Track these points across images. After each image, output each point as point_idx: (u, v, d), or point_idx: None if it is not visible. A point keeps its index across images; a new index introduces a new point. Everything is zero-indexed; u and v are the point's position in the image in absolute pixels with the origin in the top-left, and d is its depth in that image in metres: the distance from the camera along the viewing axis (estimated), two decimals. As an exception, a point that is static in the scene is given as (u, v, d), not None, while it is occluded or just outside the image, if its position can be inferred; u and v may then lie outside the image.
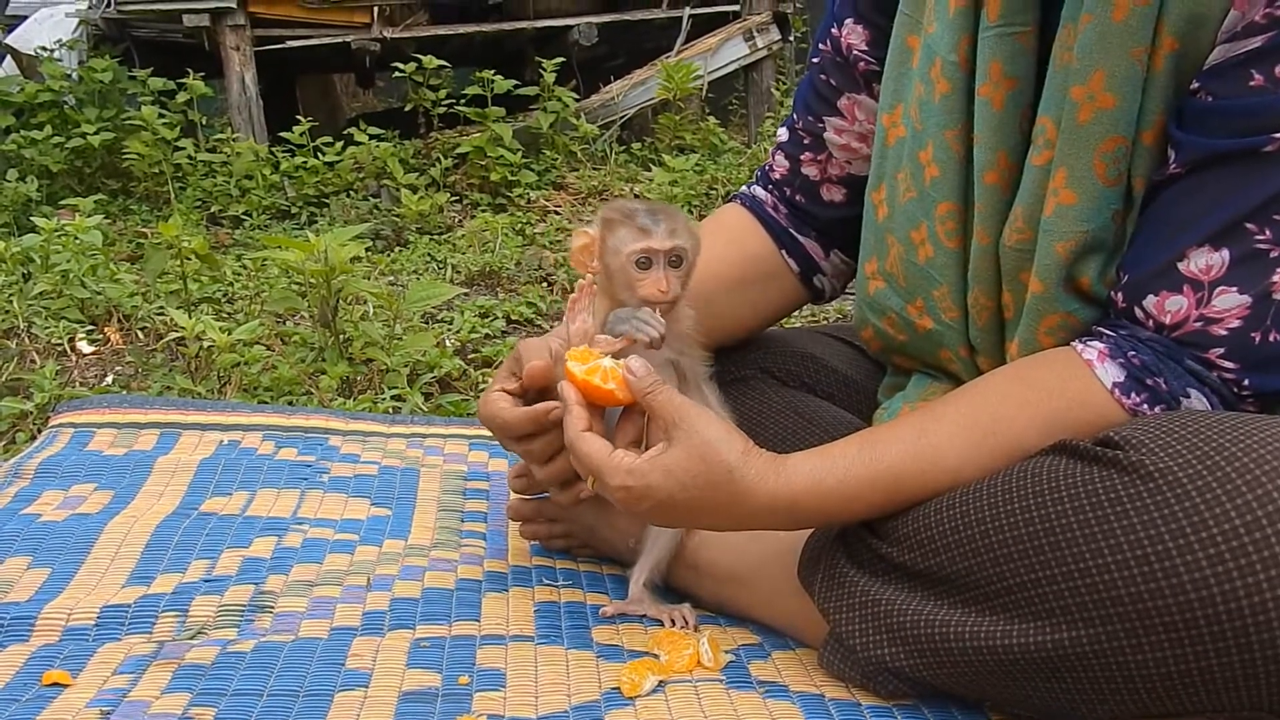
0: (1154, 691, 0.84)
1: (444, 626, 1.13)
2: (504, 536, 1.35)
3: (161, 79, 4.17)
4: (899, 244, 1.13)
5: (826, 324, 2.17)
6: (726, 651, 1.07)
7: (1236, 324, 0.91)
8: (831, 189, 1.29)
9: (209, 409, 1.74)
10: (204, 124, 4.27)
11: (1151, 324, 0.94)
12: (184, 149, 4.00)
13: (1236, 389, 0.93)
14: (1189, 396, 0.93)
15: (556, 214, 3.71)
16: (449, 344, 2.26)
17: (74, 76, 4.22)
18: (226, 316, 2.47)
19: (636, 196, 1.10)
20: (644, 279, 1.06)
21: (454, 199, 3.92)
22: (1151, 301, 0.93)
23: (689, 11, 4.78)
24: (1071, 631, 0.85)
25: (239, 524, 1.36)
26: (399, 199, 3.64)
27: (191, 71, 4.14)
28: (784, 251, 1.31)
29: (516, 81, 4.15)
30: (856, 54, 1.22)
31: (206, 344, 1.98)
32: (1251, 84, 0.88)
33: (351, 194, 3.91)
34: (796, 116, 1.31)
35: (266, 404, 1.88)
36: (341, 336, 2.12)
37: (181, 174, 4.03)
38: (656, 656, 1.05)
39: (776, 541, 1.12)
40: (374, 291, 2.14)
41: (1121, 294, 0.96)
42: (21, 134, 3.97)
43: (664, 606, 1.14)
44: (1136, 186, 0.96)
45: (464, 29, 4.78)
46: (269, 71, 4.84)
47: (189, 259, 2.31)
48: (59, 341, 2.27)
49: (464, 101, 4.12)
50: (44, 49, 4.38)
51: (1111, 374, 0.94)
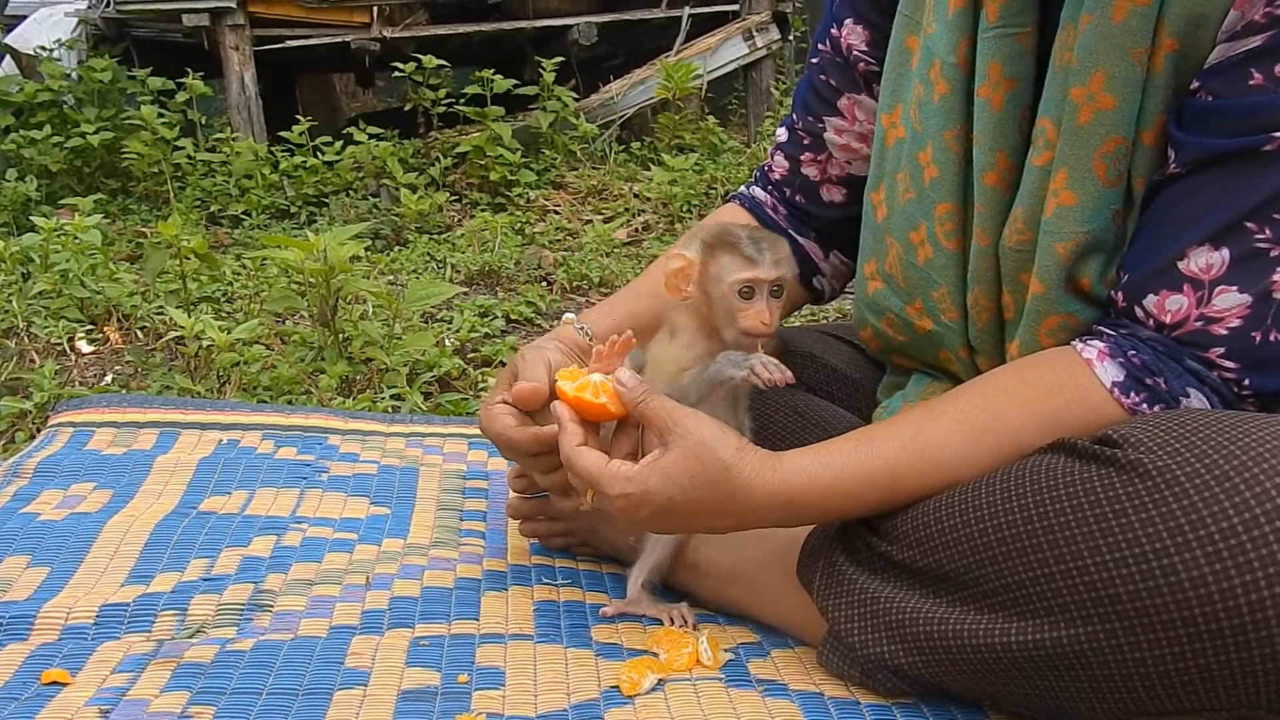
0: (1152, 690, 0.84)
1: (443, 625, 1.13)
2: (503, 535, 1.35)
3: (161, 79, 4.17)
4: (898, 245, 1.13)
5: (826, 323, 2.16)
6: (726, 650, 1.07)
7: (1237, 323, 0.91)
8: (831, 189, 1.29)
9: (208, 408, 1.74)
10: (203, 124, 4.27)
11: (1152, 323, 0.94)
12: (183, 149, 4.00)
13: (1237, 389, 0.93)
14: (1189, 396, 0.93)
15: (556, 213, 3.71)
16: (448, 343, 2.26)
17: (73, 76, 4.22)
18: (226, 316, 2.47)
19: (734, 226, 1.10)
20: (746, 310, 1.04)
21: (453, 198, 3.92)
22: (1152, 301, 0.94)
23: (688, 11, 4.78)
24: (1070, 630, 0.85)
25: (238, 523, 1.36)
26: (398, 198, 3.64)
27: (191, 71, 4.15)
28: None
29: (516, 81, 4.15)
30: (856, 54, 1.22)
31: (206, 343, 1.98)
32: (1251, 83, 0.88)
33: (351, 193, 3.92)
34: (796, 117, 1.30)
35: (266, 403, 1.88)
36: (341, 336, 2.12)
37: (181, 174, 4.03)
38: (656, 655, 1.05)
39: (776, 540, 1.12)
40: (373, 291, 2.14)
41: (1122, 293, 0.96)
42: (21, 133, 3.97)
43: (663, 606, 1.14)
44: (1136, 186, 0.96)
45: (463, 28, 4.78)
46: (269, 71, 4.84)
47: (188, 258, 2.31)
48: (58, 341, 2.27)
49: (463, 101, 4.12)
50: (43, 48, 4.38)
51: (1111, 373, 0.94)
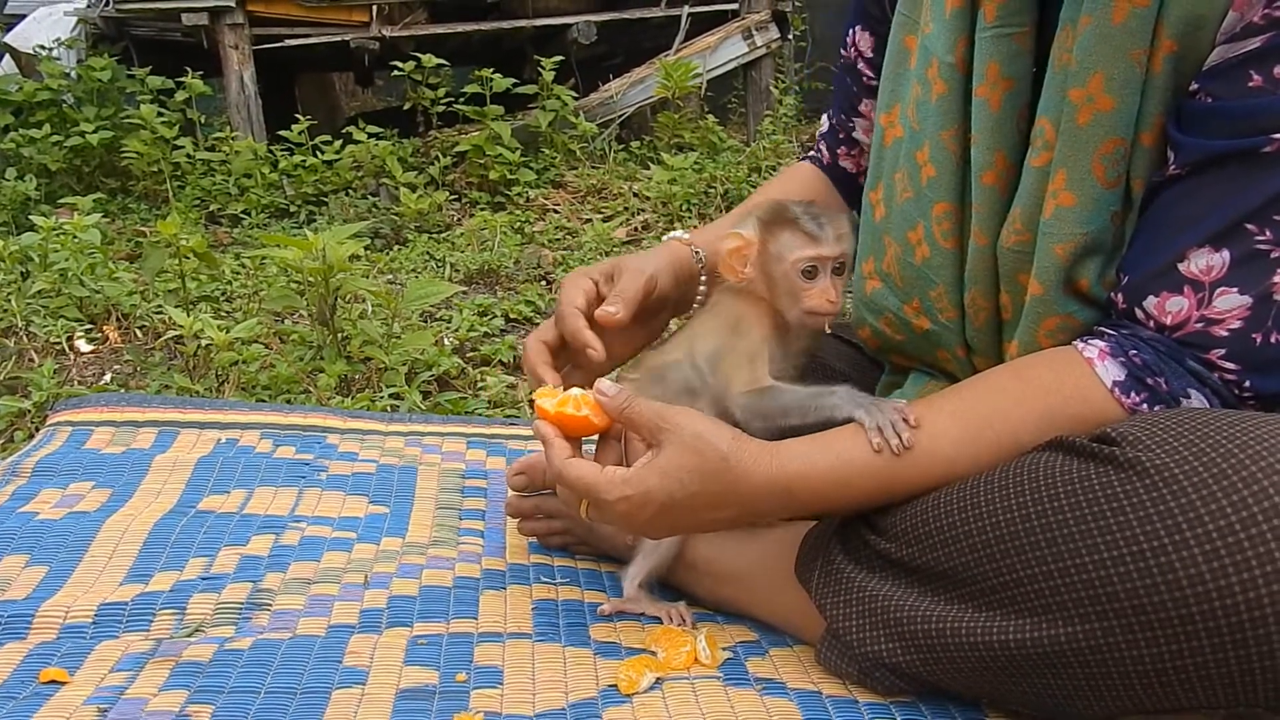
0: (1150, 688, 0.84)
1: (442, 624, 1.13)
2: (502, 534, 1.35)
3: (160, 78, 4.17)
4: (896, 244, 1.13)
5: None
6: (724, 649, 1.07)
7: (1238, 325, 0.90)
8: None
9: (207, 407, 1.74)
10: (203, 123, 4.26)
11: (1152, 325, 0.94)
12: (183, 148, 4.00)
13: (1237, 391, 0.92)
14: (1189, 397, 0.93)
15: (555, 212, 3.71)
16: (447, 342, 2.25)
17: (73, 75, 4.21)
18: (225, 315, 2.47)
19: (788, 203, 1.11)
20: (810, 289, 1.03)
21: (453, 197, 3.91)
22: (1152, 303, 0.93)
23: (688, 10, 4.77)
24: (1068, 628, 0.85)
25: (237, 522, 1.36)
26: (398, 197, 3.64)
27: (190, 70, 4.14)
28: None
29: (515, 80, 4.14)
30: (864, 62, 1.25)
31: (205, 342, 1.98)
32: (1251, 85, 0.88)
33: (350, 192, 3.91)
34: (833, 112, 1.34)
35: (264, 402, 1.88)
36: (340, 335, 2.12)
37: (180, 173, 4.02)
38: (654, 654, 1.05)
39: (774, 539, 1.12)
40: (372, 290, 2.14)
41: (1122, 295, 0.96)
42: (20, 133, 3.96)
43: (661, 604, 1.14)
44: (1135, 188, 0.96)
45: (463, 27, 4.77)
46: (268, 70, 4.83)
47: (187, 258, 2.30)
48: (57, 340, 2.27)
49: (463, 100, 4.12)
50: (43, 47, 4.37)
51: (1112, 372, 0.94)
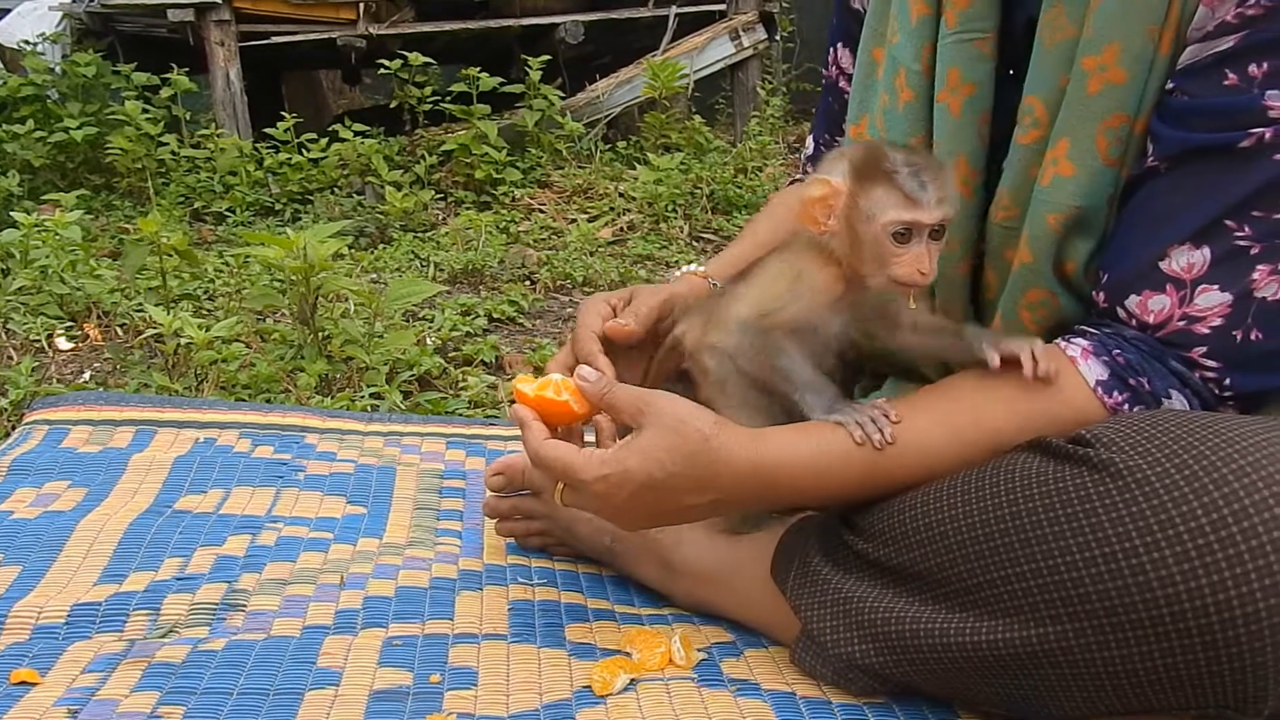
0: (1121, 689, 0.84)
1: (417, 625, 1.12)
2: (480, 535, 1.35)
3: (145, 74, 4.14)
4: None
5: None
6: (699, 649, 1.07)
7: (1219, 322, 0.91)
8: None
9: (185, 406, 1.73)
10: (188, 120, 4.24)
11: (1135, 324, 0.94)
12: (167, 144, 3.98)
13: (1218, 390, 0.93)
14: (1170, 398, 0.93)
15: (541, 212, 3.70)
16: (430, 342, 2.25)
17: (57, 70, 4.19)
18: (206, 314, 2.46)
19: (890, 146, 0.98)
20: (901, 255, 0.92)
21: (439, 196, 3.90)
22: (1134, 301, 0.94)
23: (675, 10, 4.77)
24: (1040, 629, 0.86)
25: (213, 522, 1.35)
26: (383, 196, 3.63)
27: (176, 67, 4.12)
28: None
29: (502, 79, 4.14)
30: (846, 78, 1.24)
31: (184, 341, 1.97)
32: (1226, 83, 0.89)
33: (336, 191, 3.89)
34: (817, 133, 1.33)
35: (244, 401, 1.87)
36: (321, 334, 2.11)
37: (165, 170, 4.00)
38: (629, 655, 1.05)
39: (752, 541, 1.12)
40: (354, 289, 2.13)
41: (1104, 294, 0.96)
42: (4, 128, 3.94)
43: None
44: (1124, 176, 0.97)
45: (450, 26, 4.76)
46: (256, 68, 4.81)
47: (168, 255, 2.29)
48: (37, 338, 2.25)
49: (449, 99, 4.11)
50: (27, 43, 4.34)
51: (1095, 371, 0.94)
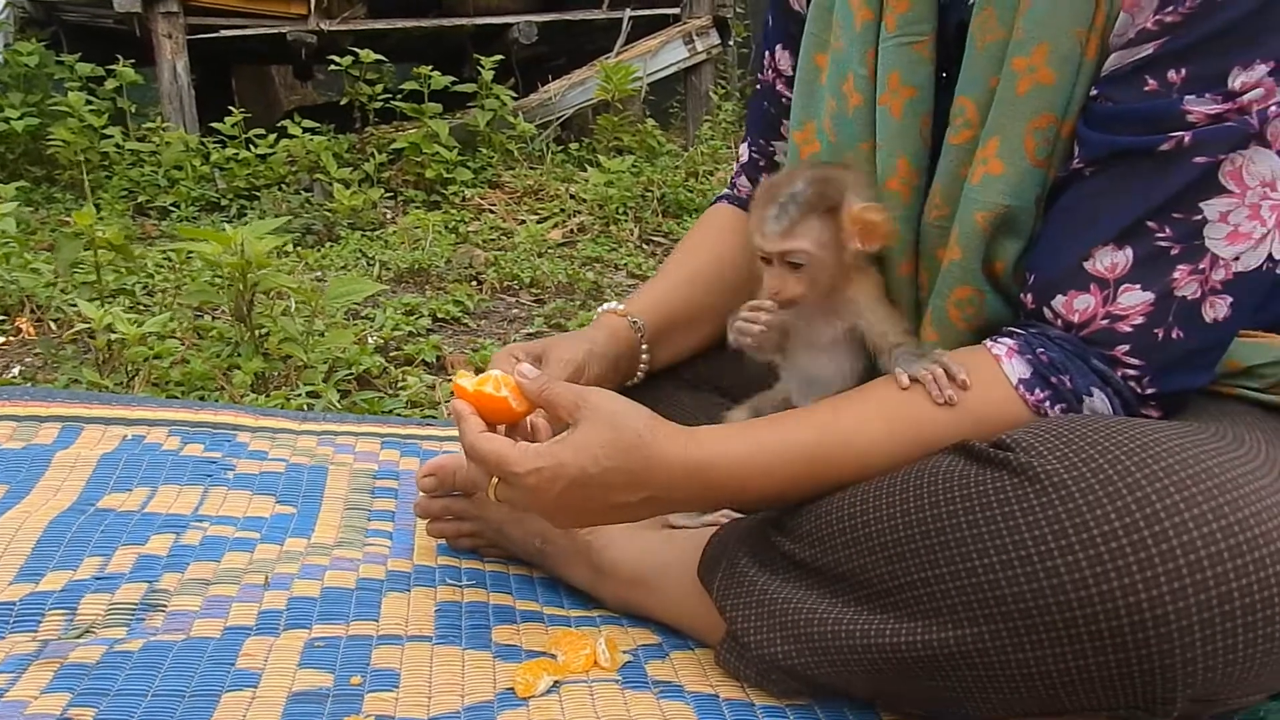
0: (1035, 690, 0.85)
1: (341, 626, 1.11)
2: (410, 536, 1.33)
3: (90, 65, 4.07)
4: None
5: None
6: (625, 651, 1.06)
7: (1140, 320, 0.92)
8: None
9: (114, 403, 1.70)
10: (134, 113, 4.17)
11: (1060, 323, 0.96)
12: (111, 137, 3.91)
13: (1140, 388, 0.94)
14: (1091, 395, 0.94)
15: (491, 212, 3.69)
16: (371, 341, 2.23)
17: (-2, 60, 4.11)
18: (144, 309, 2.41)
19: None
20: (766, 275, 1.03)
21: (388, 195, 3.87)
22: (1060, 301, 0.95)
23: (629, 13, 4.77)
24: (957, 630, 0.86)
25: (137, 520, 1.33)
26: (332, 194, 3.59)
27: (121, 58, 4.05)
28: None
29: (454, 78, 4.11)
30: (784, 81, 1.24)
31: (117, 337, 1.93)
32: (1146, 89, 0.91)
33: (284, 187, 3.85)
34: (750, 140, 1.32)
35: (176, 399, 1.84)
36: (260, 332, 2.08)
37: (108, 163, 3.93)
38: (553, 657, 1.05)
39: (680, 543, 1.12)
40: (291, 286, 2.10)
41: (1031, 295, 0.97)
42: (-58, 117, 3.85)
43: None
44: (1051, 178, 0.98)
45: (402, 24, 4.72)
46: (205, 61, 4.75)
47: (104, 249, 2.25)
48: (-34, 332, 2.20)
49: (400, 97, 4.08)
50: (-34, 31, 4.26)
51: (1018, 370, 0.95)
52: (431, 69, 4.06)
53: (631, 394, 1.19)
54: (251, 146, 3.97)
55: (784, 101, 1.24)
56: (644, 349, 1.24)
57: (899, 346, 1.02)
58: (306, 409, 1.82)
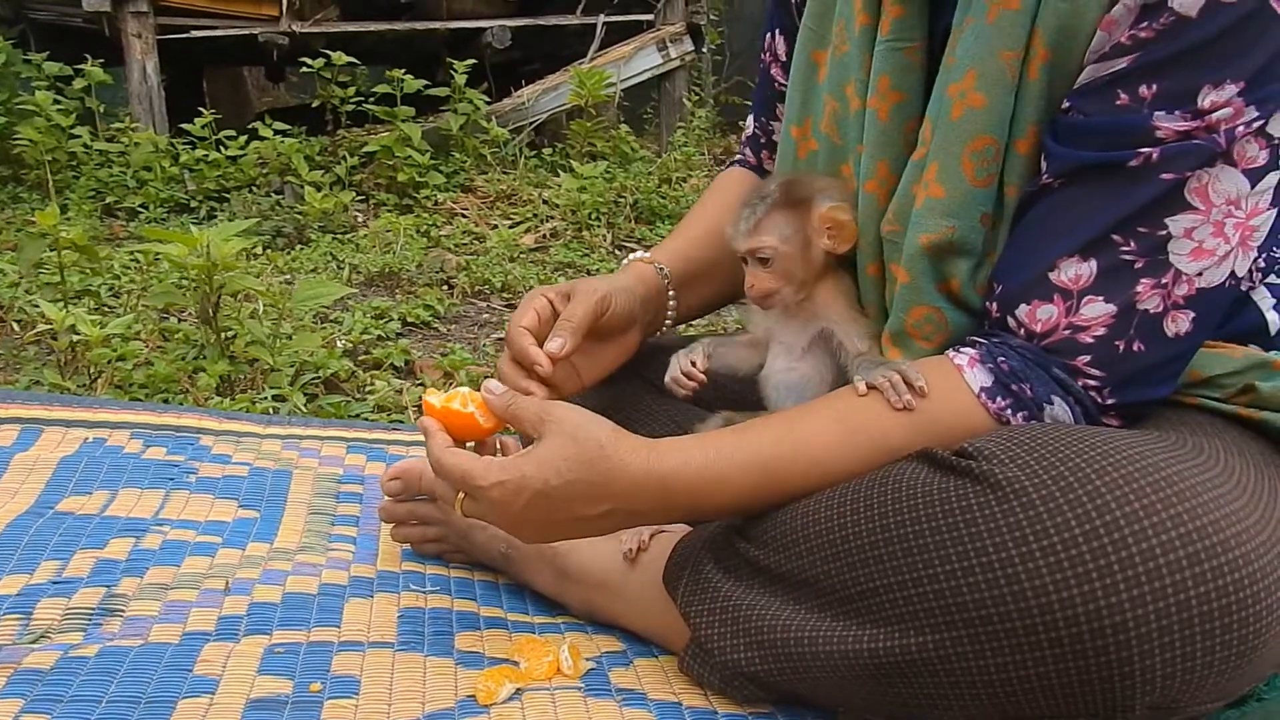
0: (995, 697, 0.85)
1: (302, 632, 1.10)
2: (375, 541, 1.32)
3: (58, 64, 4.02)
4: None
5: (724, 332, 2.17)
6: (588, 659, 1.06)
7: (1102, 331, 0.93)
8: None
9: (75, 405, 1.68)
10: (103, 112, 4.12)
11: (1023, 332, 0.96)
12: (79, 137, 3.86)
13: (1099, 399, 0.95)
14: (1051, 404, 0.95)
15: (463, 217, 3.67)
16: (340, 345, 2.21)
17: (-38, 58, 4.04)
18: (109, 311, 2.38)
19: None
20: (745, 273, 1.08)
21: (359, 198, 3.85)
22: (1024, 311, 0.95)
23: (603, 19, 4.77)
24: (918, 637, 0.86)
25: (96, 524, 1.31)
26: (303, 196, 3.57)
27: (90, 58, 4.01)
28: None
29: (427, 82, 4.09)
30: (779, 65, 1.25)
31: (79, 338, 1.91)
32: (1119, 103, 0.91)
33: (254, 190, 3.82)
34: (755, 115, 1.34)
35: (138, 401, 1.82)
36: (226, 334, 2.06)
37: (76, 163, 3.89)
38: (516, 664, 1.04)
39: (649, 551, 1.11)
40: (258, 288, 2.08)
41: (996, 304, 0.98)
42: (-95, 115, 3.80)
43: None
44: (1009, 194, 0.98)
45: (375, 27, 4.70)
46: (176, 62, 4.71)
47: (67, 250, 2.22)
48: (-74, 332, 2.17)
49: (373, 100, 4.06)
50: (-69, 28, 4.20)
51: (980, 379, 0.96)
52: (404, 72, 4.04)
53: (597, 396, 1.20)
54: (222, 148, 3.94)
55: (778, 86, 1.26)
56: (671, 295, 1.25)
57: (861, 355, 1.03)
58: (272, 413, 1.80)
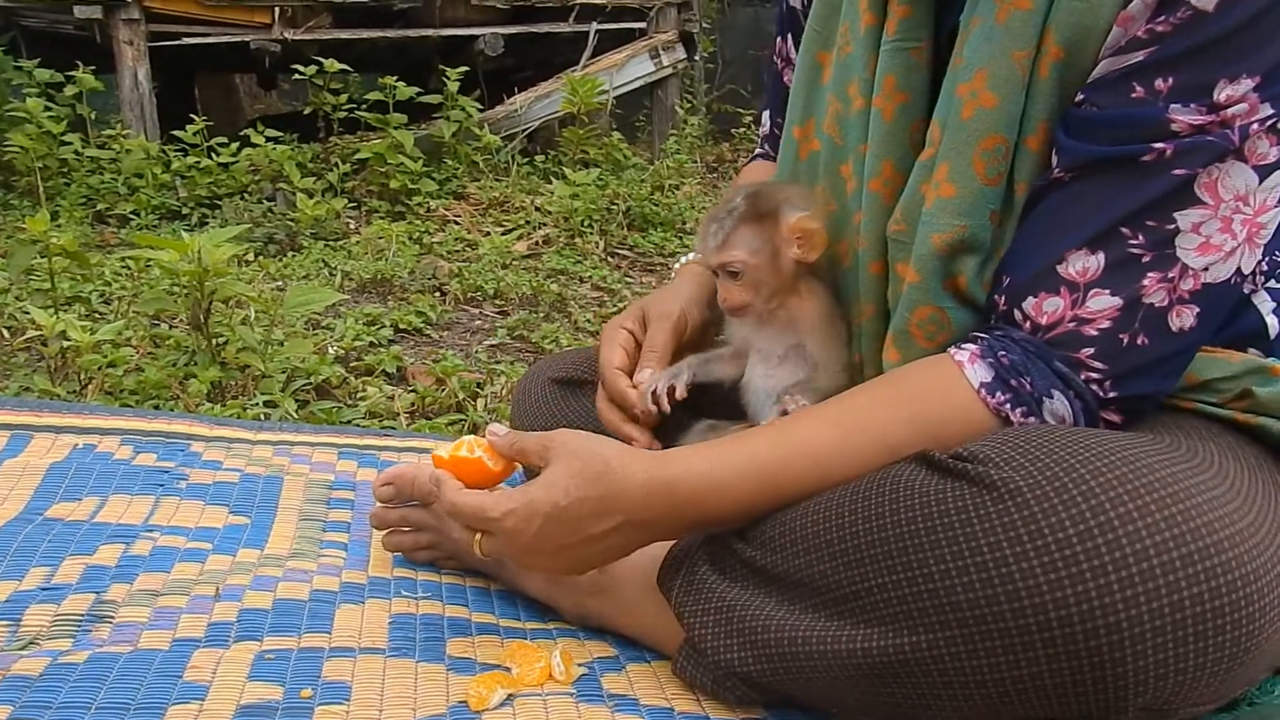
0: (989, 698, 0.85)
1: (293, 638, 1.09)
2: (366, 547, 1.32)
3: (49, 71, 4.02)
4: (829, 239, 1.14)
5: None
6: (580, 664, 1.05)
7: (1107, 325, 0.93)
8: None
9: (65, 411, 1.67)
10: (94, 119, 4.12)
11: (1028, 325, 0.96)
12: (71, 144, 3.86)
13: (1101, 392, 0.95)
14: (1051, 398, 0.94)
15: (456, 224, 3.67)
16: (332, 351, 2.20)
17: (-47, 65, 4.04)
18: (100, 317, 2.38)
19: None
20: (719, 285, 1.09)
21: (352, 205, 3.85)
22: (1031, 303, 0.96)
23: (596, 27, 4.78)
24: (912, 637, 0.86)
25: (86, 530, 1.30)
26: (295, 203, 3.56)
27: (82, 65, 4.00)
28: None
29: (420, 89, 4.10)
30: (791, 67, 1.25)
31: (69, 344, 1.90)
32: (1133, 95, 0.91)
33: (246, 196, 3.82)
34: (770, 114, 1.34)
35: (129, 407, 1.81)
36: (218, 341, 2.05)
37: (67, 170, 3.88)
38: (508, 670, 1.03)
39: (639, 551, 1.11)
40: (250, 295, 2.08)
41: (1004, 297, 0.98)
42: (-105, 122, 3.79)
43: None
44: (1018, 191, 0.98)
45: (367, 34, 4.71)
46: (170, 70, 4.70)
47: (58, 256, 2.21)
48: (-85, 339, 2.16)
49: (365, 107, 4.06)
50: (-78, 35, 4.19)
51: (980, 374, 0.96)
52: (397, 79, 4.04)
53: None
54: (214, 155, 3.94)
55: (789, 86, 1.25)
56: None
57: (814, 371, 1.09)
58: (263, 419, 1.79)
